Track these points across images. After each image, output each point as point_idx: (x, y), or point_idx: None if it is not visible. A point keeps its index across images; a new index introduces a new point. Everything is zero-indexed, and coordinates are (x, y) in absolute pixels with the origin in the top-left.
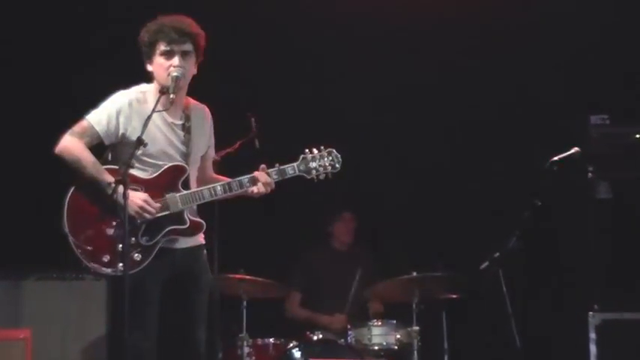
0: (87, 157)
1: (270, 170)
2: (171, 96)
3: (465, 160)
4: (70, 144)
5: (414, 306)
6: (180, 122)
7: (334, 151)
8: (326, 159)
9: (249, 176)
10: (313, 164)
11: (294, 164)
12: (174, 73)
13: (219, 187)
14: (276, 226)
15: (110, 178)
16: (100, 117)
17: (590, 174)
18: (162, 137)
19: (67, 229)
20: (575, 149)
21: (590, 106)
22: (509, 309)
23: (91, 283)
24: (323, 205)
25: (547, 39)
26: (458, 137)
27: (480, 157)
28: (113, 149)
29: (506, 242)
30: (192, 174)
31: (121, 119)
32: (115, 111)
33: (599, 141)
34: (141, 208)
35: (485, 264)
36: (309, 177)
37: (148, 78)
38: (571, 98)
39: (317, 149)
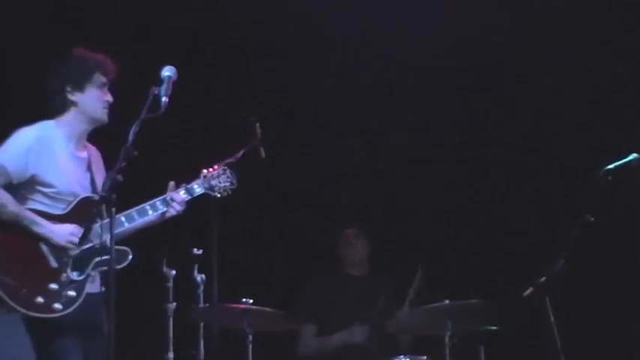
0: (5, 196)
1: (178, 189)
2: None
3: (503, 173)
4: None
5: (446, 339)
6: (83, 156)
7: (228, 169)
8: (222, 177)
9: (161, 198)
10: (214, 182)
11: (199, 181)
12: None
13: (134, 212)
14: (284, 250)
15: (34, 215)
16: (9, 155)
17: None
18: (71, 172)
19: None
20: (633, 155)
21: None
22: (557, 343)
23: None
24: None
25: (592, 42)
26: (495, 149)
27: (520, 168)
28: (14, 190)
29: (554, 265)
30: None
31: (31, 157)
32: (25, 149)
33: None
34: (71, 234)
35: (529, 290)
36: (213, 194)
37: (54, 109)
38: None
39: (212, 168)
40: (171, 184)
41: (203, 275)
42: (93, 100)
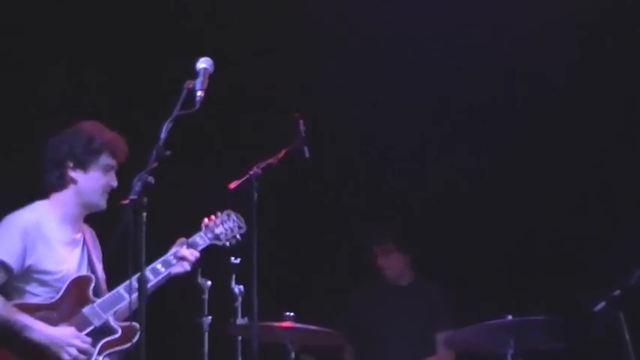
0: None
1: (181, 245)
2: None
3: (570, 177)
4: None
5: (508, 359)
6: (79, 239)
7: (232, 212)
8: (227, 223)
9: (162, 259)
10: (217, 230)
11: (200, 233)
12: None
13: (150, 272)
14: (329, 259)
15: (25, 318)
16: (4, 248)
17: None
18: (69, 257)
19: None
20: None
21: None
22: None
23: None
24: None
25: None
26: (559, 154)
27: (591, 174)
28: (7, 283)
29: (629, 277)
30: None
31: (28, 246)
32: (21, 238)
33: None
34: (69, 345)
35: (601, 305)
36: (220, 244)
37: (50, 184)
38: None
39: (214, 215)
40: (182, 239)
41: (241, 286)
42: (94, 184)
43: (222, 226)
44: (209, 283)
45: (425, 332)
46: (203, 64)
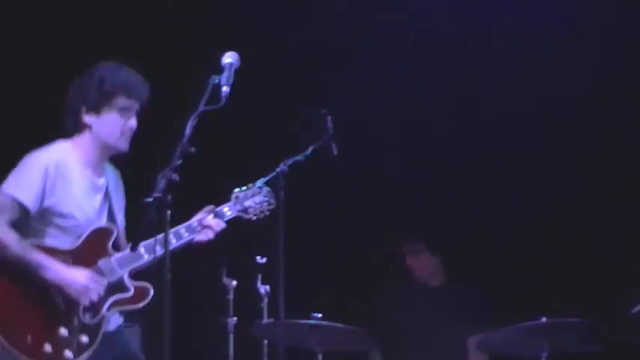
0: (9, 236)
1: (207, 213)
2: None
3: (605, 174)
4: None
5: None
6: (101, 183)
7: (264, 187)
8: (258, 196)
9: (186, 224)
10: (248, 203)
11: (230, 204)
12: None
13: (156, 242)
14: (358, 258)
15: (41, 257)
16: (23, 187)
17: None
18: (89, 203)
19: None
20: None
21: None
22: None
23: None
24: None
25: None
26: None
27: (624, 169)
28: (27, 224)
29: None
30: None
31: (47, 186)
32: (40, 177)
33: None
34: (85, 288)
35: (638, 307)
36: (247, 217)
37: (69, 129)
38: None
39: (245, 186)
40: (210, 207)
41: (267, 286)
42: (109, 126)
43: (253, 200)
44: (234, 283)
45: (456, 335)
46: (229, 58)
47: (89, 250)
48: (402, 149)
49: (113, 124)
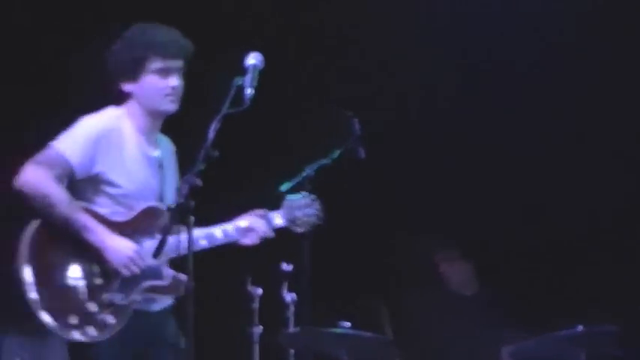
0: (58, 193)
1: (256, 218)
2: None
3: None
4: (36, 177)
5: None
6: (155, 155)
7: (316, 199)
8: (310, 208)
9: (236, 225)
10: (298, 213)
11: (281, 212)
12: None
13: (210, 234)
14: (387, 266)
15: (87, 219)
16: (73, 147)
17: None
18: (140, 173)
19: (26, 275)
20: None
21: None
22: None
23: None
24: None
25: None
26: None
27: None
28: (77, 189)
29: None
30: None
31: (99, 151)
32: (92, 141)
33: None
34: (128, 259)
35: None
36: (294, 228)
37: (115, 98)
38: None
39: (299, 195)
40: (259, 212)
41: (294, 294)
42: (149, 90)
43: (303, 211)
44: (260, 291)
45: (490, 345)
46: (252, 59)
47: (137, 228)
48: (432, 153)
49: (153, 88)
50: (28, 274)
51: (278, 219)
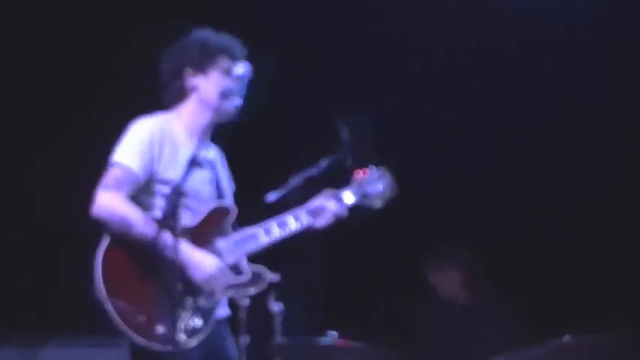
0: (133, 213)
1: (327, 199)
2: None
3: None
4: (109, 201)
5: None
6: (209, 159)
7: (387, 171)
8: (381, 181)
9: (309, 209)
10: (370, 188)
11: (352, 188)
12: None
13: (283, 222)
14: (374, 274)
15: (167, 237)
16: (133, 156)
17: None
18: (196, 174)
19: (104, 294)
20: None
21: None
22: None
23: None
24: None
25: None
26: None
27: None
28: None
29: None
30: None
31: (154, 152)
32: (147, 144)
33: None
34: (212, 276)
35: None
36: (367, 204)
37: (172, 97)
38: None
39: (367, 169)
40: (329, 191)
41: (281, 304)
42: (217, 85)
43: (374, 186)
44: (247, 301)
45: (479, 355)
46: (241, 69)
47: (208, 229)
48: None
49: (220, 84)
50: (103, 290)
51: (349, 196)
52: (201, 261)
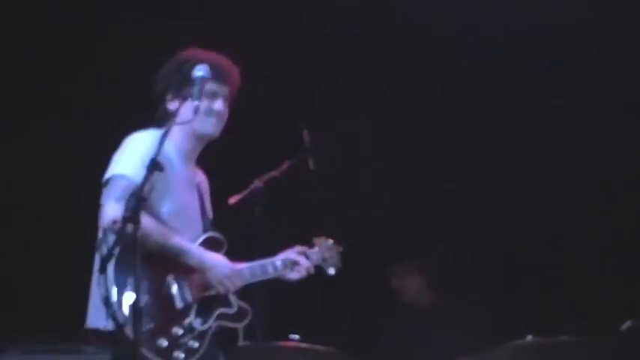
0: (149, 224)
1: (299, 253)
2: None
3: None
4: (119, 213)
5: None
6: (196, 182)
7: (334, 244)
8: (331, 251)
9: (283, 259)
10: (327, 254)
11: (316, 250)
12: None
13: (270, 265)
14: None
15: (179, 242)
16: (135, 167)
17: None
18: (180, 193)
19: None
20: None
21: None
22: None
23: (92, 358)
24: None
25: None
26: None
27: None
28: None
29: None
30: None
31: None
32: (146, 156)
33: None
34: (226, 276)
35: (629, 323)
36: (325, 267)
37: (158, 119)
38: None
39: (323, 238)
40: (300, 248)
41: None
42: (192, 110)
43: (331, 252)
44: None
45: (443, 357)
46: (200, 71)
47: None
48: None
49: (201, 110)
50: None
51: (314, 257)
52: (216, 262)
